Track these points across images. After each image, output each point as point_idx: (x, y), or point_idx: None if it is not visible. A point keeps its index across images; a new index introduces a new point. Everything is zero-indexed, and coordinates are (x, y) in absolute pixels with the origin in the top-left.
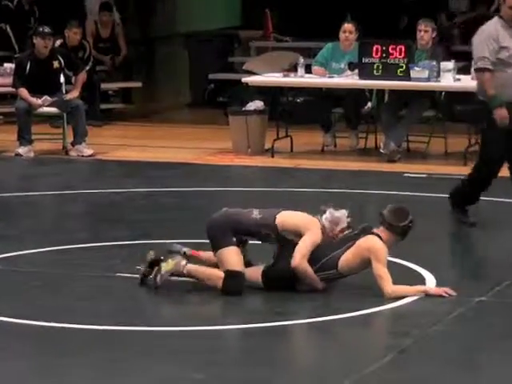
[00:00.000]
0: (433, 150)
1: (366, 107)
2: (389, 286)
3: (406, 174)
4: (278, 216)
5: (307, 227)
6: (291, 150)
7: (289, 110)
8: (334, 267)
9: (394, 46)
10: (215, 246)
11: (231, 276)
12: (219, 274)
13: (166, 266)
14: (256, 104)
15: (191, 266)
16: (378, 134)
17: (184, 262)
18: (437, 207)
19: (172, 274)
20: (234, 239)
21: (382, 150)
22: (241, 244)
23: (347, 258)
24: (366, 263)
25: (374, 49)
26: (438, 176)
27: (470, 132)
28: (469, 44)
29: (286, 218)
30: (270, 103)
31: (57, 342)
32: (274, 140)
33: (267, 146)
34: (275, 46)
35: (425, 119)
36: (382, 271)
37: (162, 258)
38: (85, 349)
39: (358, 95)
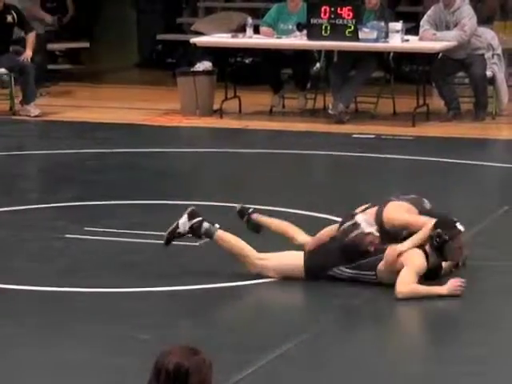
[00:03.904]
0: (381, 111)
1: (314, 68)
2: (402, 287)
3: (354, 135)
4: None
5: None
6: (240, 111)
7: (237, 70)
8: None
9: (343, 7)
10: None
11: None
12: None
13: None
14: (204, 65)
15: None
16: (327, 95)
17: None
18: (385, 168)
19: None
20: None
21: (330, 111)
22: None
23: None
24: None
25: (323, 9)
26: (387, 137)
27: (418, 93)
28: (417, 5)
29: None
30: (219, 64)
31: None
32: (223, 101)
33: (216, 106)
34: (224, 7)
35: (373, 80)
36: (405, 272)
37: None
38: (28, 310)
39: (307, 56)
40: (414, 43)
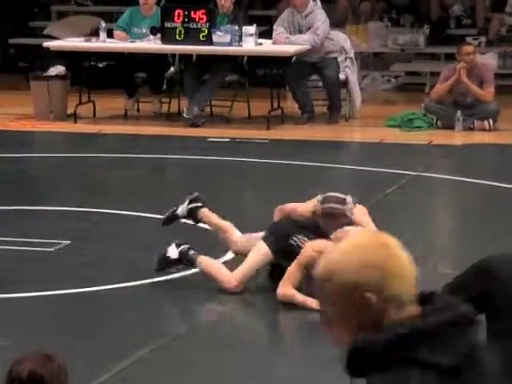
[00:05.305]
0: (236, 115)
1: (168, 72)
2: (283, 288)
3: (209, 139)
4: None
5: None
6: (94, 116)
7: (91, 74)
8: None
9: (196, 11)
10: None
11: None
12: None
13: None
14: (58, 69)
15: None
16: (181, 99)
17: None
18: (240, 171)
19: None
20: None
21: (185, 115)
22: None
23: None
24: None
25: (176, 13)
26: (241, 140)
27: (273, 96)
28: (270, 9)
29: None
30: (72, 68)
31: None
32: (77, 105)
33: (70, 111)
34: (76, 11)
35: (228, 83)
36: (290, 269)
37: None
38: None
39: (161, 60)
40: (267, 47)
